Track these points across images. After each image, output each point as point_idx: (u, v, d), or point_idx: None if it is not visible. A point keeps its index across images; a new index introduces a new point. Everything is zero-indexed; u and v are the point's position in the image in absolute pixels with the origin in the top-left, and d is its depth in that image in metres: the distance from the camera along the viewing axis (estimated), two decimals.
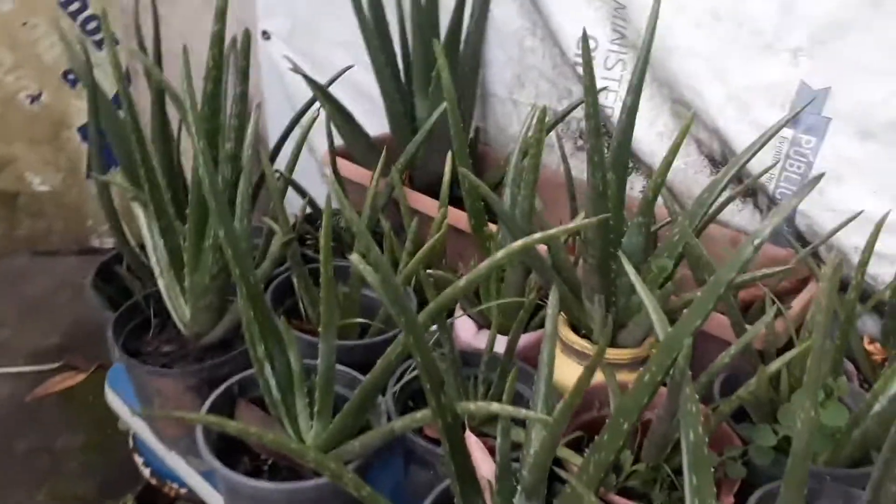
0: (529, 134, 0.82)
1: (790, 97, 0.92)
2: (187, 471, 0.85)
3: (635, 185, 1.15)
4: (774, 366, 0.67)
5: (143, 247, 1.37)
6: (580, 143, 1.20)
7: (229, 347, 0.86)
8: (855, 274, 0.90)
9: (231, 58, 1.55)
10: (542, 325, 0.90)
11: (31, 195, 1.97)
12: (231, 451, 0.71)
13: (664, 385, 0.68)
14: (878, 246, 0.82)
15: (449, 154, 1.00)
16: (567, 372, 0.82)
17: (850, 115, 0.88)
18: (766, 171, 0.91)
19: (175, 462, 0.86)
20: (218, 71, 0.68)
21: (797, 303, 0.87)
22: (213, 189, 0.60)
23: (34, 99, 1.87)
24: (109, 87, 1.07)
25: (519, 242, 0.54)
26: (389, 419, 0.70)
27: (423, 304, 1.01)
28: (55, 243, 2.02)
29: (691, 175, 1.07)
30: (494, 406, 0.56)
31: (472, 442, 0.66)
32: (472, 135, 1.22)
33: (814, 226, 0.95)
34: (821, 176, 0.70)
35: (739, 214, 1.06)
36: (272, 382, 0.69)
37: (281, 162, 1.67)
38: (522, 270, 0.86)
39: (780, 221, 0.51)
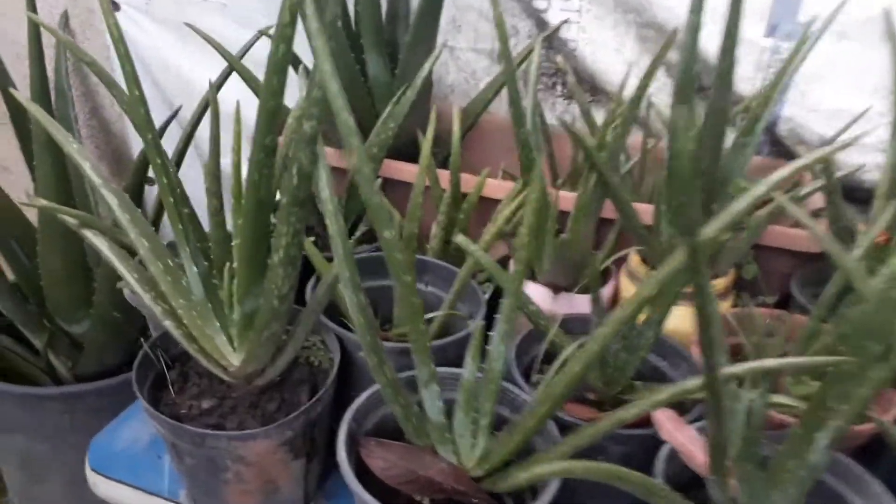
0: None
1: (767, 7, 0.94)
2: None
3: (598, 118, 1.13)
4: None
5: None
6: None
7: (285, 385, 0.70)
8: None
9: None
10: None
11: None
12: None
13: None
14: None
15: (456, 111, 0.90)
16: None
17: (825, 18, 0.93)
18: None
19: None
20: None
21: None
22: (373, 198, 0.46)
23: None
24: None
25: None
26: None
27: None
28: None
29: (664, 99, 1.07)
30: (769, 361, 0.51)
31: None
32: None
33: (797, 129, 1.00)
34: None
35: None
36: (436, 406, 0.56)
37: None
38: (592, 222, 0.79)
39: None
